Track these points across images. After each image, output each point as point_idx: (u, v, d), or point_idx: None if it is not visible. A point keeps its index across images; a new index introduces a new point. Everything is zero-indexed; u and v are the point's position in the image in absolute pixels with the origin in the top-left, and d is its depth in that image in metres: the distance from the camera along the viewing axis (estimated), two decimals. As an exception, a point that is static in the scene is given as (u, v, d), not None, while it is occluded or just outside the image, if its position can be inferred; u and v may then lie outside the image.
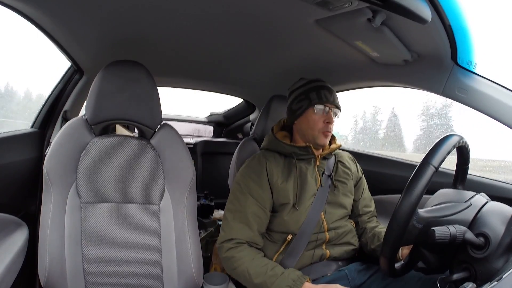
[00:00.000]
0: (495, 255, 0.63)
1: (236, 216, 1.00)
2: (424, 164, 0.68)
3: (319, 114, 1.06)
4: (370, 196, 1.20)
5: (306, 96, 1.07)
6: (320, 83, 1.09)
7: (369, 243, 1.09)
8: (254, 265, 0.93)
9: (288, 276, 0.90)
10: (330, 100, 1.06)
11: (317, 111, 1.06)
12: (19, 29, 1.14)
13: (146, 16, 0.95)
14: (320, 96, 1.05)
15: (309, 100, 1.06)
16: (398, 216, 0.67)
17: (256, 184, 1.02)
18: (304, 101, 1.07)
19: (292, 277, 0.89)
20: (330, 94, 1.07)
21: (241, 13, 0.90)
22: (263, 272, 0.91)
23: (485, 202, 0.73)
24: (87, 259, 0.93)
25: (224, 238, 0.99)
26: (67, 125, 0.97)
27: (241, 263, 0.94)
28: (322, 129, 1.05)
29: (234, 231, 0.98)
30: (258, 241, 1.00)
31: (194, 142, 2.28)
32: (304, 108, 1.07)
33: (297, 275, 0.90)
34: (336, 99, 1.08)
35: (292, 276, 0.90)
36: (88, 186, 0.95)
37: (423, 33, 0.87)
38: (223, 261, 0.99)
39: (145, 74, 0.98)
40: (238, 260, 0.95)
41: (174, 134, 1.04)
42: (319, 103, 1.05)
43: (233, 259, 0.96)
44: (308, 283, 0.89)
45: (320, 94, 1.06)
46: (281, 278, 0.89)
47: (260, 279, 0.91)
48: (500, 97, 0.92)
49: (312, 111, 1.06)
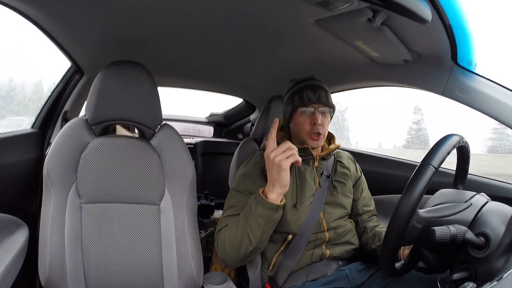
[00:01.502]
0: (496, 255, 0.63)
1: (233, 214, 1.00)
2: (424, 164, 0.68)
3: (305, 116, 1.05)
4: (370, 196, 1.20)
5: (291, 99, 1.08)
6: (306, 83, 1.08)
7: (370, 242, 1.09)
8: (229, 230, 0.94)
9: (252, 205, 0.90)
10: (313, 100, 1.04)
11: (301, 114, 1.06)
12: (19, 29, 1.14)
13: (146, 16, 0.95)
14: (302, 98, 1.05)
15: (293, 104, 1.07)
16: (398, 217, 0.67)
17: (254, 184, 1.02)
18: (290, 105, 1.08)
19: (251, 201, 0.90)
20: (314, 93, 1.04)
21: (241, 13, 0.90)
22: (235, 230, 0.92)
23: (485, 202, 0.73)
24: (87, 259, 0.93)
25: (217, 230, 1.00)
26: (67, 126, 0.97)
27: (221, 239, 0.95)
28: (309, 132, 1.04)
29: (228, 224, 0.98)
30: None
31: (194, 142, 2.28)
32: (290, 113, 1.08)
33: (255, 195, 0.90)
34: (322, 97, 1.05)
35: (251, 200, 0.91)
36: (88, 186, 0.95)
37: (423, 33, 0.87)
38: (218, 251, 0.99)
39: (145, 74, 0.98)
40: (222, 238, 0.96)
41: (174, 134, 1.04)
42: (301, 105, 1.05)
43: (219, 239, 0.97)
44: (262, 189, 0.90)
45: (302, 96, 1.05)
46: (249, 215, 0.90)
47: (238, 236, 0.91)
48: (500, 97, 0.92)
49: (298, 114, 1.06)
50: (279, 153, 0.86)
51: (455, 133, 0.74)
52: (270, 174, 0.88)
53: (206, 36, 1.08)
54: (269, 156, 0.87)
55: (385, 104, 2.33)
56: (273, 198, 0.88)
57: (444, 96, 1.01)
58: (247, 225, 0.90)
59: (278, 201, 0.88)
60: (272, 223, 0.90)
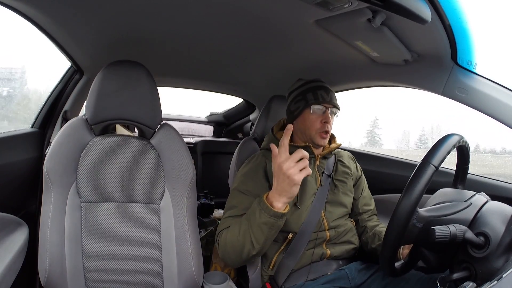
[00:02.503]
0: (495, 255, 0.63)
1: (234, 214, 1.00)
2: (424, 163, 0.68)
3: (316, 114, 1.06)
4: (370, 195, 1.20)
5: (303, 97, 1.08)
6: (317, 83, 1.10)
7: (370, 242, 1.09)
8: (231, 233, 0.94)
9: (254, 211, 0.89)
10: (327, 100, 1.06)
11: (314, 111, 1.06)
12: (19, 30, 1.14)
13: (146, 16, 0.95)
14: (316, 97, 1.06)
15: (306, 101, 1.07)
16: (398, 216, 0.67)
17: (254, 183, 1.03)
18: (301, 101, 1.08)
19: (254, 207, 0.89)
20: (327, 94, 1.07)
21: (241, 13, 0.90)
22: (236, 234, 0.91)
23: (485, 202, 0.73)
24: (87, 258, 0.93)
25: (219, 230, 0.99)
26: (67, 125, 0.97)
27: (224, 238, 0.95)
28: (320, 129, 1.05)
29: (230, 225, 0.98)
30: None
31: (194, 142, 2.28)
32: (301, 109, 1.08)
33: (259, 202, 0.89)
34: (333, 98, 1.08)
35: (254, 207, 0.89)
36: (88, 185, 0.95)
37: (423, 33, 0.87)
38: (219, 251, 0.99)
39: (145, 74, 0.98)
40: (223, 239, 0.95)
41: (174, 133, 1.04)
42: (315, 103, 1.05)
43: (220, 240, 0.96)
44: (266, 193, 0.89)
45: (316, 94, 1.06)
46: (252, 221, 0.88)
47: (240, 241, 0.90)
48: (500, 97, 0.92)
49: (309, 111, 1.06)
50: (292, 165, 0.81)
51: (455, 133, 0.74)
52: (278, 184, 0.85)
53: (206, 36, 1.08)
54: (281, 167, 0.82)
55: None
56: (278, 207, 0.86)
57: (444, 96, 1.01)
58: (250, 230, 0.89)
59: (283, 209, 0.87)
60: (275, 230, 0.89)
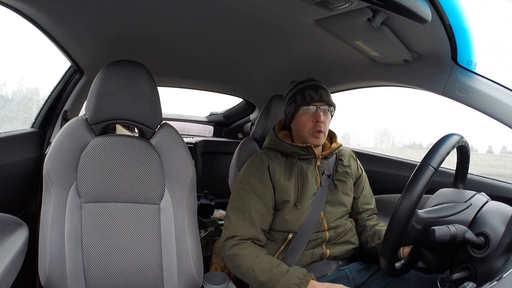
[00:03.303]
0: (495, 255, 0.63)
1: (239, 214, 1.00)
2: (423, 164, 0.68)
3: (306, 114, 1.06)
4: (371, 194, 1.20)
5: (294, 99, 1.09)
6: (307, 83, 1.09)
7: (369, 241, 1.09)
8: (258, 262, 0.93)
9: (293, 274, 0.89)
10: (315, 99, 1.05)
11: (303, 112, 1.06)
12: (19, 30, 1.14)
13: (146, 16, 0.95)
14: (304, 97, 1.06)
15: (296, 103, 1.07)
16: (397, 218, 0.67)
17: (258, 182, 1.03)
18: (292, 104, 1.09)
19: (297, 274, 0.89)
20: (316, 92, 1.06)
21: (241, 13, 0.90)
22: (268, 269, 0.91)
23: (485, 202, 0.73)
24: (87, 258, 0.93)
25: (227, 235, 0.99)
26: (67, 125, 0.97)
27: (245, 260, 0.94)
28: (312, 129, 1.05)
29: (237, 228, 0.98)
30: (261, 239, 1.00)
31: (194, 142, 2.28)
32: (292, 112, 1.09)
33: (303, 272, 0.90)
34: (324, 96, 1.07)
35: (298, 273, 0.90)
36: (88, 185, 0.95)
37: (423, 32, 0.87)
38: (226, 259, 0.99)
39: (145, 74, 0.98)
40: (242, 258, 0.95)
41: (174, 133, 1.04)
42: (303, 104, 1.06)
43: (237, 256, 0.96)
44: (314, 280, 0.90)
45: (304, 95, 1.06)
46: (287, 275, 0.89)
47: (265, 276, 0.91)
48: (500, 97, 0.92)
49: (300, 113, 1.07)
50: None
51: (455, 132, 0.73)
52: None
53: (206, 36, 1.08)
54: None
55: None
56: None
57: (444, 96, 1.01)
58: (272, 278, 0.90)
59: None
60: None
